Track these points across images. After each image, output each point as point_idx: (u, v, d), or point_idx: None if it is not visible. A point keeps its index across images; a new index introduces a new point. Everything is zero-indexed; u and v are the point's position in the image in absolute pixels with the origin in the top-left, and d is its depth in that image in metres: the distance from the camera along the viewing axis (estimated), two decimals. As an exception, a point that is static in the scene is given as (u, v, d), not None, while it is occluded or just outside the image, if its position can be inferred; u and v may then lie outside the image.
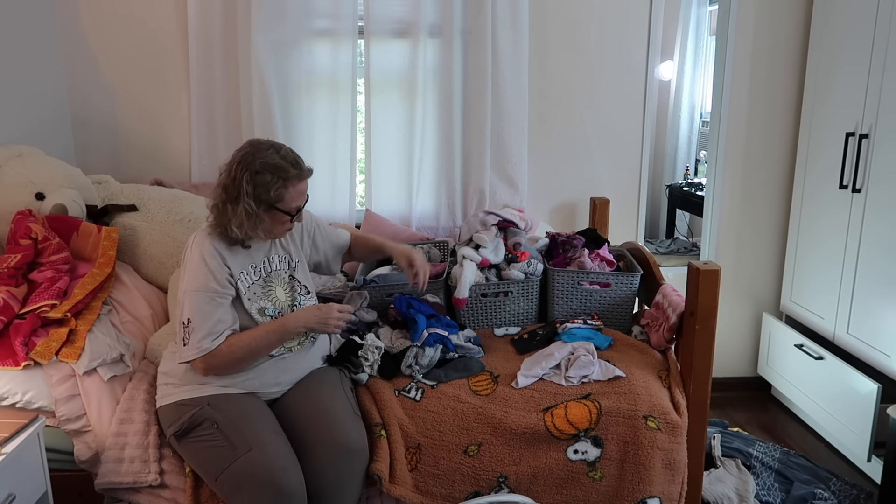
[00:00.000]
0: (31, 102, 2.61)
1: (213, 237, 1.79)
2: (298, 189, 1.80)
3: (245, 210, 1.73)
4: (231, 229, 1.75)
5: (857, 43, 2.57)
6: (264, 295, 1.85)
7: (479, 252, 2.33)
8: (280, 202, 1.77)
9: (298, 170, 1.78)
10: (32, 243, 2.05)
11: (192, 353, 1.72)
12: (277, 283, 1.90)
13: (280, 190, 1.75)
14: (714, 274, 1.92)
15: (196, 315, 1.72)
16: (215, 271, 1.75)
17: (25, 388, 1.83)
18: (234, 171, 1.75)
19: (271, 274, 1.89)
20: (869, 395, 2.43)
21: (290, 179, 1.76)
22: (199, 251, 1.77)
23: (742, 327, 3.27)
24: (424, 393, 1.95)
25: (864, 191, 2.54)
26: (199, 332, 1.71)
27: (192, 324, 1.72)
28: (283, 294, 1.90)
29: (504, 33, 2.79)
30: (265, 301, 1.85)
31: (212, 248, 1.77)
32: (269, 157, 1.75)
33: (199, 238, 1.79)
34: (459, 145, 2.90)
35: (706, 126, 4.12)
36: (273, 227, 1.82)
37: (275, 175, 1.74)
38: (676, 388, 1.97)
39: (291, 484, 1.64)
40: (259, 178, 1.73)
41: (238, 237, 1.78)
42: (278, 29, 2.70)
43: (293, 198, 1.79)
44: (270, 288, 1.88)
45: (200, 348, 1.71)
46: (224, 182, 1.76)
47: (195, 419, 1.73)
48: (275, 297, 1.87)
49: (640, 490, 1.88)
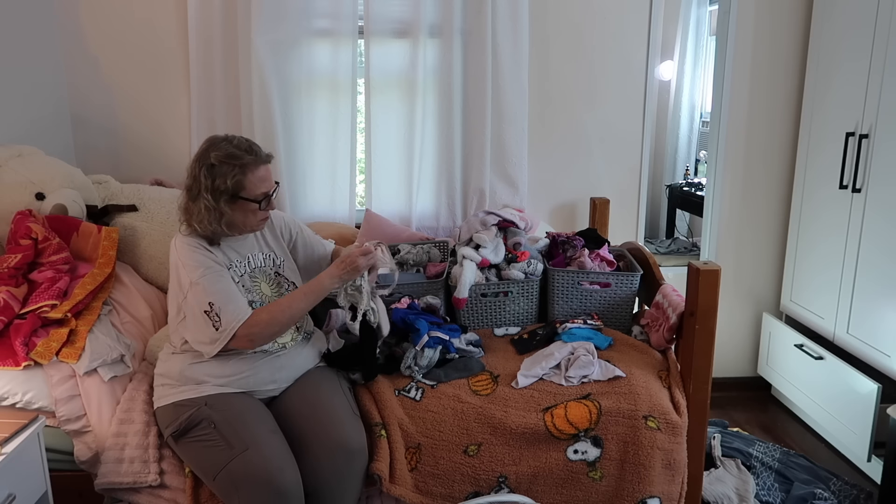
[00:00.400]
0: (31, 102, 2.61)
1: (190, 236, 1.81)
2: (258, 175, 1.79)
3: (204, 205, 1.74)
4: (194, 226, 1.77)
5: (856, 43, 2.57)
6: (252, 288, 1.87)
7: (479, 252, 2.33)
8: (242, 190, 1.77)
9: (254, 155, 1.78)
10: (32, 243, 2.05)
11: (232, 328, 1.71)
12: (262, 278, 1.91)
13: (238, 177, 1.75)
14: (714, 274, 1.92)
15: (216, 295, 1.73)
16: (208, 255, 1.78)
17: (25, 388, 1.83)
18: (192, 169, 1.78)
19: (255, 270, 1.91)
20: (869, 395, 2.44)
21: (247, 165, 1.77)
22: (185, 247, 1.78)
23: (742, 327, 3.27)
24: (424, 393, 1.95)
25: (864, 191, 2.54)
26: (229, 305, 1.72)
27: (216, 305, 1.72)
28: (269, 289, 1.91)
29: (504, 33, 2.79)
30: (253, 294, 1.86)
31: (195, 242, 1.80)
32: (222, 149, 1.76)
33: (179, 239, 1.81)
34: (459, 145, 2.90)
35: (706, 126, 4.12)
36: (245, 219, 1.82)
37: (230, 164, 1.75)
38: (676, 388, 1.97)
39: (288, 483, 1.64)
40: (215, 170, 1.75)
41: (205, 234, 1.79)
42: (278, 29, 2.70)
43: (254, 184, 1.79)
44: (256, 282, 1.89)
45: (238, 318, 1.72)
46: (187, 183, 1.79)
47: (193, 419, 1.73)
48: (260, 292, 1.88)
49: (640, 490, 1.88)
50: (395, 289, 2.16)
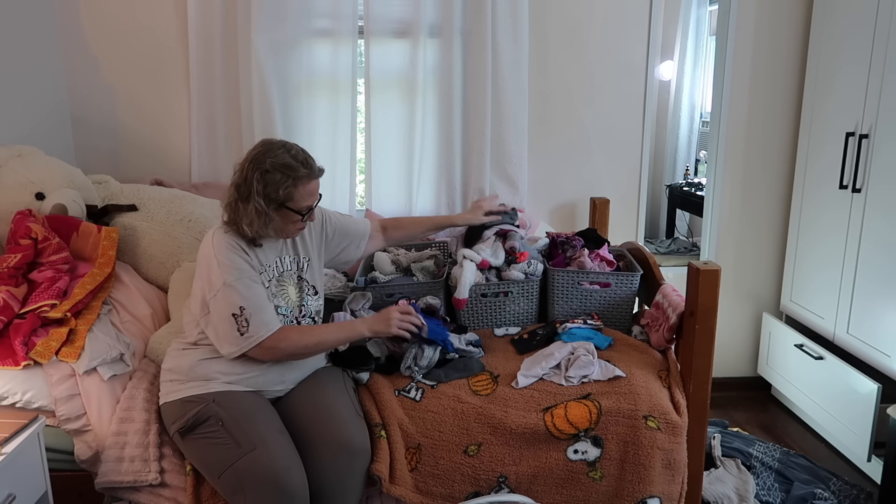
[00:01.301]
0: (31, 102, 2.61)
1: (230, 234, 1.81)
2: (308, 189, 1.81)
3: (255, 208, 1.74)
4: (242, 227, 1.77)
5: (857, 43, 2.57)
6: (279, 293, 1.87)
7: (479, 252, 2.33)
8: (290, 201, 1.78)
9: (308, 169, 1.79)
10: (32, 243, 2.05)
11: (260, 336, 1.72)
12: (289, 282, 1.91)
13: (290, 189, 1.76)
14: (714, 274, 1.92)
15: (248, 301, 1.73)
16: (246, 259, 1.78)
17: (25, 387, 1.83)
18: (245, 170, 1.77)
19: (283, 273, 1.91)
20: (869, 395, 2.43)
21: (300, 179, 1.77)
22: (223, 245, 1.78)
23: (742, 327, 3.27)
24: (424, 393, 1.95)
25: (864, 191, 2.54)
26: (260, 313, 1.73)
27: (246, 310, 1.72)
28: (294, 293, 1.92)
29: (504, 33, 2.79)
30: (279, 299, 1.86)
31: (234, 242, 1.79)
32: (279, 157, 1.76)
33: (218, 235, 1.81)
34: (459, 145, 2.90)
35: (706, 126, 4.12)
36: (284, 227, 1.83)
37: (284, 174, 1.75)
38: (676, 388, 1.97)
39: (295, 484, 1.64)
40: (269, 176, 1.75)
41: (248, 235, 1.79)
42: (278, 29, 2.70)
43: (303, 197, 1.80)
44: (283, 287, 1.89)
45: (268, 328, 1.73)
46: (236, 181, 1.79)
47: (200, 416, 1.73)
48: (287, 297, 1.89)
49: (640, 490, 1.88)
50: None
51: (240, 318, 1.72)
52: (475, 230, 2.41)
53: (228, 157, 2.84)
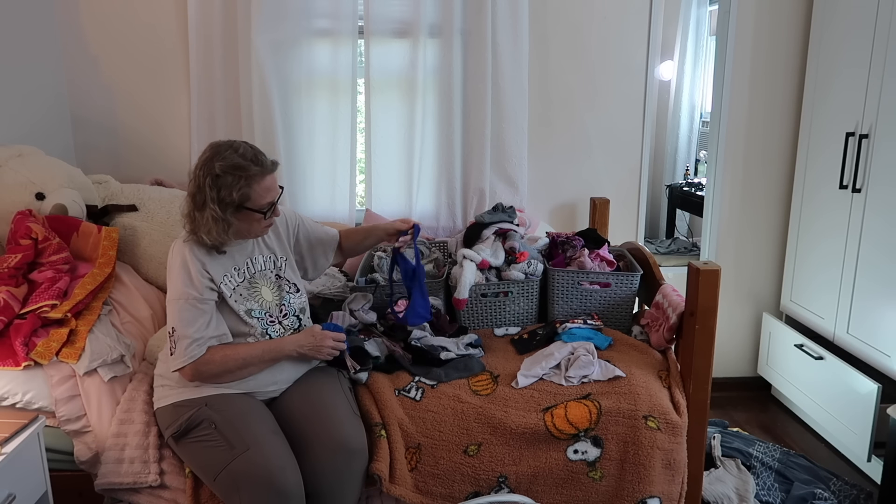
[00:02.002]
0: (31, 102, 2.61)
1: (190, 244, 1.78)
2: (264, 185, 1.76)
3: (212, 216, 1.70)
4: (201, 236, 1.73)
5: (857, 43, 2.57)
6: (250, 296, 1.84)
7: (479, 253, 2.33)
8: (247, 201, 1.74)
9: (260, 166, 1.74)
10: (32, 243, 2.05)
11: (181, 361, 1.71)
12: (263, 283, 1.89)
13: (244, 189, 1.72)
14: (714, 274, 1.92)
15: (179, 323, 1.72)
16: (194, 278, 1.74)
17: (26, 388, 1.83)
18: (197, 177, 1.72)
19: (255, 275, 1.88)
20: (869, 395, 2.43)
21: (253, 177, 1.73)
22: (179, 259, 1.76)
23: (742, 327, 3.27)
24: (424, 393, 1.95)
25: (864, 191, 2.54)
26: (185, 340, 1.71)
27: (176, 332, 1.72)
28: (270, 294, 1.89)
29: (504, 33, 2.79)
30: (252, 302, 1.84)
31: (191, 255, 1.76)
32: (227, 158, 1.71)
33: (178, 246, 1.79)
34: (459, 145, 2.90)
35: (706, 126, 4.12)
36: (249, 227, 1.80)
37: (235, 175, 1.70)
38: (676, 388, 1.97)
39: (289, 484, 1.64)
40: (221, 180, 1.70)
41: (208, 243, 1.75)
42: (278, 29, 2.70)
43: (260, 195, 1.75)
44: (256, 289, 1.87)
45: (189, 355, 1.70)
46: (191, 190, 1.74)
47: (193, 420, 1.73)
48: (261, 298, 1.86)
49: (640, 490, 1.88)
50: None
51: (171, 337, 1.73)
52: (474, 230, 2.41)
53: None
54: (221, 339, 1.77)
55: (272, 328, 1.86)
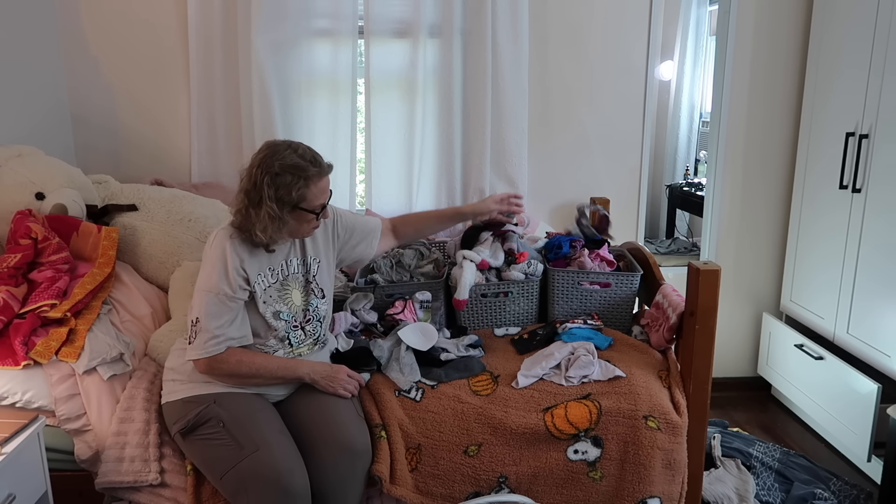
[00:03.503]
0: (31, 102, 2.61)
1: (234, 239, 1.77)
2: (320, 186, 1.78)
3: (268, 214, 1.71)
4: (255, 234, 1.73)
5: (857, 43, 2.57)
6: (280, 298, 1.85)
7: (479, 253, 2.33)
8: (304, 202, 1.76)
9: (318, 167, 1.77)
10: (32, 243, 2.05)
11: (197, 353, 1.72)
12: (294, 285, 1.89)
13: (302, 190, 1.74)
14: (714, 274, 1.92)
15: (205, 315, 1.72)
16: (230, 274, 1.74)
17: (25, 387, 1.83)
18: (254, 175, 1.73)
19: (288, 277, 1.88)
20: (869, 395, 2.44)
21: (311, 178, 1.75)
22: (219, 250, 1.76)
23: (742, 327, 3.27)
24: (425, 393, 1.95)
25: (864, 191, 2.54)
26: (206, 333, 1.71)
27: (199, 324, 1.72)
28: (299, 297, 1.89)
29: (504, 33, 2.79)
30: (281, 304, 1.84)
31: (232, 251, 1.76)
32: (287, 158, 1.73)
33: (221, 237, 1.78)
34: (459, 145, 2.90)
35: (706, 126, 4.12)
36: (299, 227, 1.81)
37: (295, 175, 1.72)
38: (676, 388, 1.97)
39: (297, 485, 1.64)
40: (279, 179, 1.72)
41: (262, 241, 1.75)
42: (278, 29, 2.70)
43: (316, 196, 1.77)
44: (287, 291, 1.87)
45: (207, 350, 1.71)
46: (245, 187, 1.75)
47: (202, 417, 1.73)
48: (290, 301, 1.87)
49: (640, 490, 1.88)
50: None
51: (193, 326, 1.73)
52: (472, 233, 2.41)
53: (228, 157, 2.84)
54: (242, 340, 1.78)
55: (294, 333, 1.87)
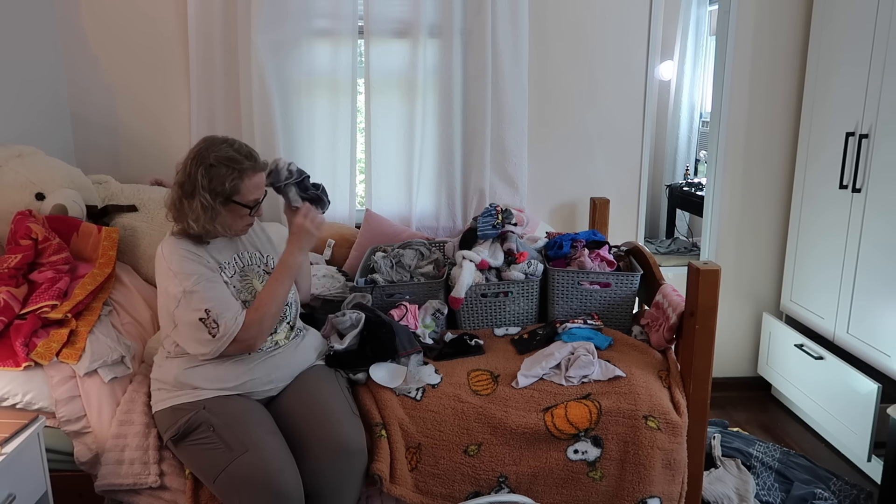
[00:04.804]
0: (31, 102, 2.61)
1: (179, 239, 1.81)
2: (254, 181, 1.81)
3: (201, 203, 1.74)
4: (189, 224, 1.76)
5: (856, 43, 2.57)
6: (244, 288, 1.87)
7: (478, 253, 2.33)
8: (237, 194, 1.79)
9: (253, 161, 1.80)
10: (32, 244, 2.05)
11: (232, 330, 1.72)
12: (252, 275, 1.91)
13: (235, 181, 1.77)
14: (714, 274, 1.92)
15: (212, 302, 1.73)
16: (200, 261, 1.78)
17: (26, 388, 1.83)
18: (188, 166, 1.77)
19: (245, 268, 1.91)
20: (869, 395, 2.44)
21: (245, 171, 1.78)
22: (173, 254, 1.78)
23: (742, 327, 3.27)
24: (425, 393, 1.95)
25: (864, 191, 2.54)
26: (226, 312, 1.73)
27: (212, 311, 1.72)
28: (261, 286, 1.90)
29: (504, 33, 2.79)
30: (246, 293, 1.86)
31: (184, 248, 1.79)
32: (222, 151, 1.77)
33: (167, 245, 1.81)
34: (459, 145, 2.90)
35: (706, 126, 4.12)
36: (233, 222, 1.83)
37: (229, 167, 1.76)
38: (676, 388, 1.97)
39: (288, 485, 1.64)
40: (214, 171, 1.75)
41: (196, 232, 1.78)
42: (278, 29, 2.70)
43: (250, 190, 1.80)
44: (247, 280, 1.89)
45: (238, 323, 1.73)
46: (180, 179, 1.78)
47: (191, 423, 1.73)
48: (253, 290, 1.88)
49: (640, 490, 1.88)
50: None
51: (207, 320, 1.72)
52: (471, 235, 2.41)
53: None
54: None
55: None
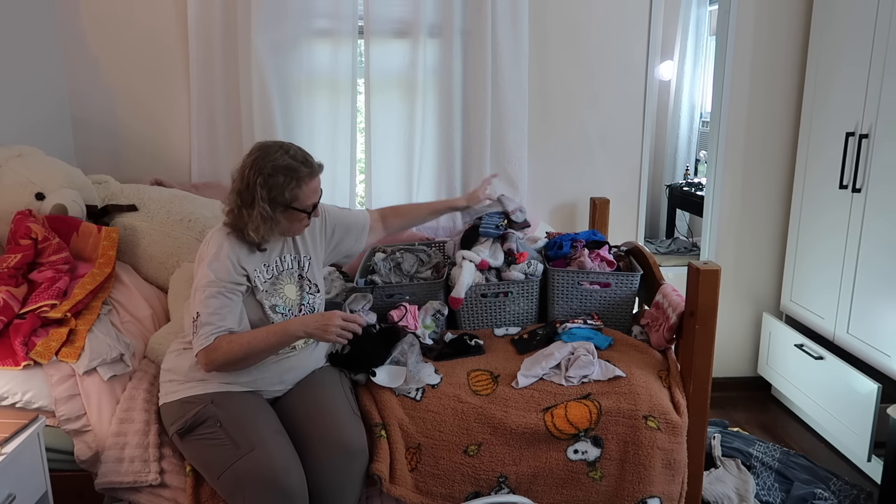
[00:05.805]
0: (31, 102, 2.61)
1: (230, 237, 1.81)
2: (312, 186, 1.82)
3: (261, 214, 1.75)
4: (248, 233, 1.77)
5: (857, 43, 2.57)
6: (275, 292, 1.87)
7: (478, 253, 2.33)
8: (296, 202, 1.80)
9: (310, 168, 1.81)
10: (32, 243, 2.05)
11: (197, 346, 1.72)
12: (287, 280, 1.91)
13: (294, 190, 1.78)
14: (714, 274, 1.92)
15: (204, 309, 1.73)
16: (229, 269, 1.77)
17: (25, 387, 1.83)
18: (247, 176, 1.77)
19: (283, 273, 1.91)
20: (869, 395, 2.43)
21: (303, 178, 1.79)
22: (216, 247, 1.79)
23: (742, 327, 3.27)
24: (424, 393, 1.95)
25: (864, 191, 2.54)
26: (206, 326, 1.72)
27: (200, 317, 1.73)
28: (293, 292, 1.92)
29: (504, 33, 2.79)
30: (276, 298, 1.86)
31: (230, 247, 1.79)
32: (279, 159, 1.77)
33: (218, 236, 1.81)
34: (459, 145, 2.90)
35: (706, 126, 4.12)
36: (290, 226, 1.85)
37: (287, 176, 1.76)
38: (676, 388, 1.97)
39: (294, 485, 1.64)
40: (272, 180, 1.75)
41: (254, 241, 1.79)
42: (278, 29, 2.70)
43: (308, 196, 1.82)
44: (280, 286, 1.89)
45: (205, 341, 1.72)
46: (238, 187, 1.78)
47: (199, 417, 1.74)
48: (284, 295, 1.89)
49: (640, 490, 1.88)
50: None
51: (194, 323, 1.73)
52: (471, 234, 2.41)
53: (228, 157, 2.84)
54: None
55: None
